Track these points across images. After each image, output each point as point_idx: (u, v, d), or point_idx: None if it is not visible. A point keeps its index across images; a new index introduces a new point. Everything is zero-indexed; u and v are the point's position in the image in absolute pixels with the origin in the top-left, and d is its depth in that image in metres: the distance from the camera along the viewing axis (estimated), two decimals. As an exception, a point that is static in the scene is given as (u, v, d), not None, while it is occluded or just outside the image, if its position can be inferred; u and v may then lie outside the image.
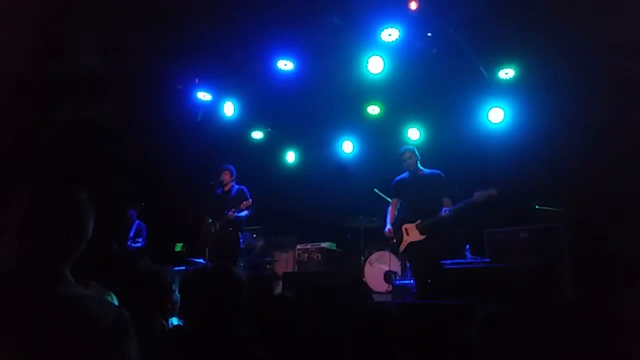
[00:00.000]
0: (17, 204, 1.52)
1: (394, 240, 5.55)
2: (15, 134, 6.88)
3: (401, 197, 5.66)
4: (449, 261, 5.51)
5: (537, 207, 5.85)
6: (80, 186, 1.63)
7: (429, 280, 5.19)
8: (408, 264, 6.23)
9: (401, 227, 5.49)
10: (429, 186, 5.45)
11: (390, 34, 6.17)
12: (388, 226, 5.61)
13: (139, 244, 7.68)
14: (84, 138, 7.50)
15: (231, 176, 6.59)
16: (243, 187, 6.53)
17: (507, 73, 6.47)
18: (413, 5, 5.99)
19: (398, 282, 6.30)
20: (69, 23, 5.87)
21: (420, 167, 5.60)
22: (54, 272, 1.50)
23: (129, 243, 7.63)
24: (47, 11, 5.58)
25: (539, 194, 5.96)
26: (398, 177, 5.74)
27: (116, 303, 2.92)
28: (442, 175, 5.52)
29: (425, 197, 5.40)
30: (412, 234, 5.41)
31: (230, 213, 6.18)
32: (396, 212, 5.67)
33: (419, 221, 5.35)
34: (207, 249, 6.48)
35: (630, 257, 4.73)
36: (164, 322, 2.49)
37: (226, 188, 6.57)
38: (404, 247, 5.45)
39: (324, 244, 7.37)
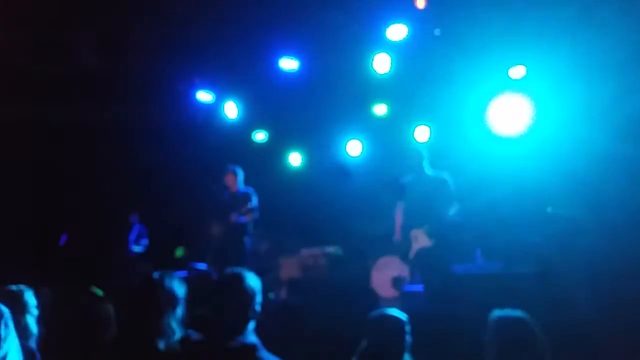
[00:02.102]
0: None
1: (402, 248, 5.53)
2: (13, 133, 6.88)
3: (406, 200, 5.59)
4: (460, 267, 5.43)
5: (550, 210, 5.70)
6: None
7: (440, 287, 5.15)
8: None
9: (409, 234, 5.44)
10: (434, 190, 5.39)
11: (398, 31, 6.16)
12: (397, 233, 5.58)
13: (142, 247, 7.60)
14: (82, 139, 7.49)
15: (236, 178, 6.43)
16: (250, 190, 6.41)
17: (518, 71, 6.37)
18: (420, 4, 5.94)
19: (407, 288, 6.17)
20: (68, 21, 5.85)
21: (426, 169, 5.53)
22: None
23: (131, 246, 7.55)
24: (46, 10, 5.57)
25: (553, 197, 5.84)
26: (402, 180, 5.68)
27: (112, 313, 2.81)
28: (448, 178, 5.46)
29: (431, 201, 5.34)
30: (420, 239, 5.36)
31: (235, 215, 6.11)
32: (402, 216, 5.62)
33: (426, 226, 5.30)
34: (210, 254, 6.37)
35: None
36: (174, 329, 2.48)
37: (232, 191, 6.43)
38: (413, 254, 5.40)
39: (330, 249, 7.20)
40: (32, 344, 2.86)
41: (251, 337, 2.32)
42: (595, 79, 5.57)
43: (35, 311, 2.95)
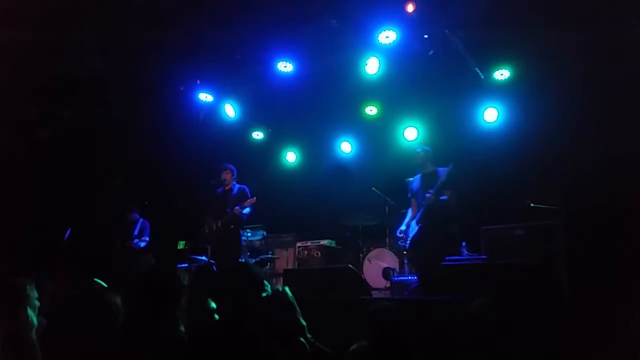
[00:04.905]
0: None
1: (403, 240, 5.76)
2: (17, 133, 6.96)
3: (415, 198, 5.80)
4: (446, 258, 5.62)
5: (532, 204, 5.88)
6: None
7: (425, 277, 5.33)
8: (405, 261, 6.35)
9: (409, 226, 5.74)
10: (432, 184, 5.59)
11: (388, 36, 6.25)
12: (400, 227, 5.80)
13: (144, 243, 7.72)
14: (86, 138, 7.58)
15: (232, 175, 6.68)
16: (244, 187, 6.63)
17: (502, 74, 6.52)
18: (410, 8, 6.07)
19: (396, 278, 6.31)
20: (72, 24, 5.91)
21: (431, 167, 5.72)
22: None
23: (135, 241, 7.65)
24: (50, 12, 5.66)
25: (534, 192, 6.02)
26: (411, 179, 5.91)
27: (119, 302, 3.00)
28: (445, 171, 5.59)
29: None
30: (412, 228, 5.66)
31: (237, 208, 6.28)
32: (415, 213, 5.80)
33: (419, 216, 5.59)
34: (209, 247, 6.57)
35: (627, 255, 4.79)
36: (181, 317, 2.55)
37: (227, 187, 6.66)
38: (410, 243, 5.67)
39: (324, 242, 7.41)
40: (33, 335, 2.96)
41: (253, 325, 2.36)
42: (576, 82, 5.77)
43: (36, 303, 3.04)
